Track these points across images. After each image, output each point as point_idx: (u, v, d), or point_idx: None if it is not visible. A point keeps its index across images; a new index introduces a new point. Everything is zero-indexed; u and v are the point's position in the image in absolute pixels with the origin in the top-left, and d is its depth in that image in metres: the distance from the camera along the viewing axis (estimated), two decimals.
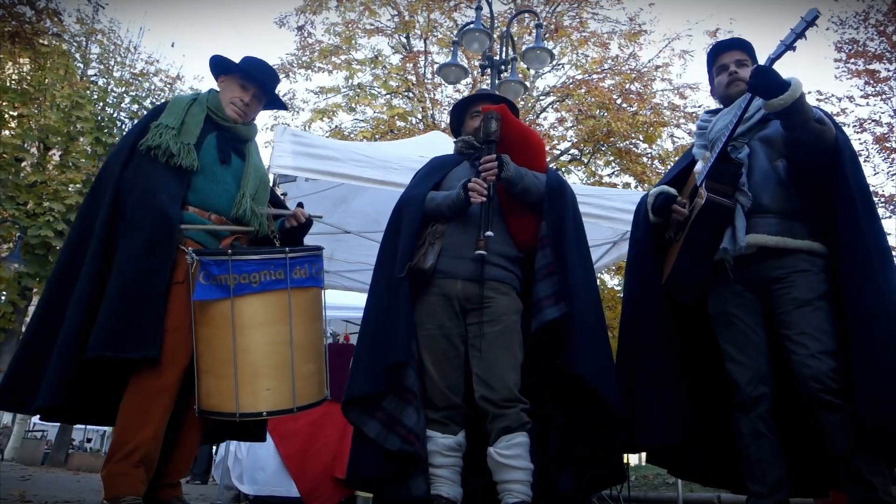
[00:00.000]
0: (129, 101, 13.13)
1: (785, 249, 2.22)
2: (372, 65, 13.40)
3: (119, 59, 13.55)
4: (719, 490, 2.86)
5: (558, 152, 13.16)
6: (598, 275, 11.46)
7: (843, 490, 2.09)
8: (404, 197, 2.67)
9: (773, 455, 2.16)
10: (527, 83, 10.72)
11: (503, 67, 6.77)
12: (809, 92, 13.64)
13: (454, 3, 13.01)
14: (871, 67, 12.27)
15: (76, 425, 16.24)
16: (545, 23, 12.20)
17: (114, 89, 13.17)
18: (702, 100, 13.93)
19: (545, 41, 8.76)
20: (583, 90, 12.25)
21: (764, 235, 2.23)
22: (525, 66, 7.96)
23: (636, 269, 2.64)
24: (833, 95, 12.60)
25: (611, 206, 4.73)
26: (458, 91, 12.08)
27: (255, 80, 2.54)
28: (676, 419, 2.33)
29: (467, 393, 2.42)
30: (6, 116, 11.24)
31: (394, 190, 3.78)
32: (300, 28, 13.89)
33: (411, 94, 13.29)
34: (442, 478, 2.37)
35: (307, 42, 13.72)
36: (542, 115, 13.45)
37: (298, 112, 13.60)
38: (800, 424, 2.31)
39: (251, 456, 4.18)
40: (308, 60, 13.38)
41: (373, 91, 13.46)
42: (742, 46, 2.50)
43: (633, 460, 11.69)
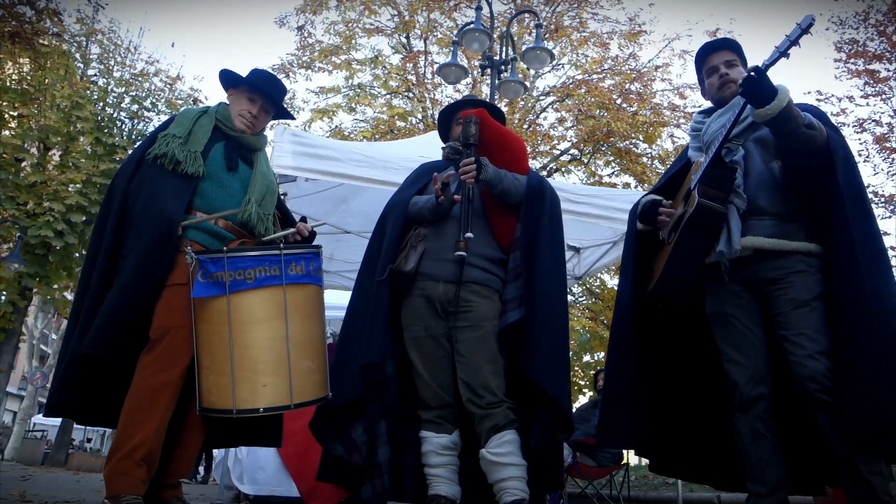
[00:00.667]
0: (129, 101, 13.11)
1: (781, 251, 2.22)
2: (372, 65, 13.41)
3: (119, 59, 13.53)
4: (719, 490, 2.86)
5: (558, 152, 13.17)
6: (598, 275, 11.51)
7: (843, 489, 2.10)
8: (389, 202, 2.74)
9: (773, 455, 2.17)
10: (527, 83, 10.72)
11: (503, 67, 6.77)
12: (809, 92, 13.67)
13: (454, 3, 13.01)
14: (871, 67, 12.27)
15: (76, 425, 16.28)
16: (545, 23, 12.20)
17: (114, 89, 13.15)
18: (702, 100, 13.85)
19: (545, 41, 8.76)
20: (583, 90, 12.26)
21: (760, 238, 2.23)
22: (525, 66, 7.97)
23: (620, 278, 2.70)
24: (833, 95, 12.61)
25: (611, 206, 4.74)
26: (458, 91, 12.08)
27: (263, 93, 2.59)
28: (626, 425, 2.38)
29: (459, 392, 2.45)
30: (6, 116, 11.23)
31: (393, 190, 3.78)
32: (300, 28, 13.91)
33: (411, 94, 13.29)
34: (439, 477, 2.39)
35: (307, 42, 13.74)
36: (542, 115, 13.46)
37: (298, 112, 13.61)
38: (798, 424, 2.32)
39: (251, 456, 4.18)
40: (308, 60, 13.39)
41: (373, 91, 13.47)
42: (730, 46, 2.48)
43: (633, 460, 11.68)
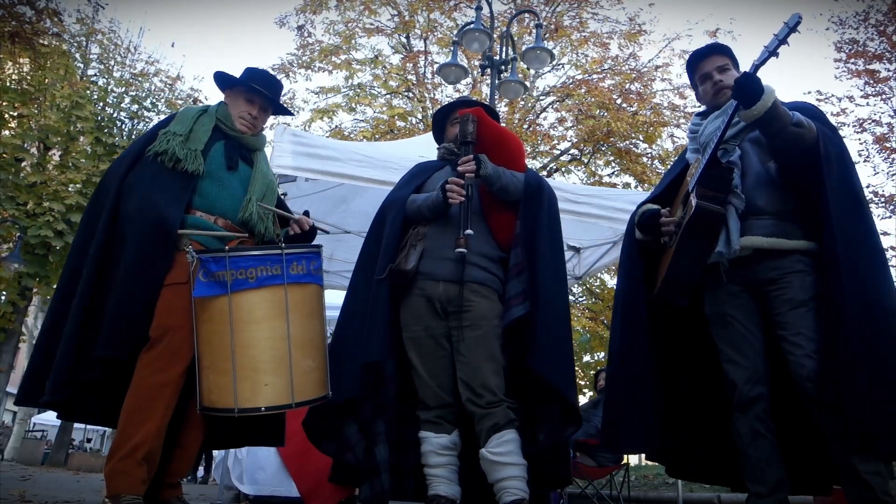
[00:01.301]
0: (129, 101, 13.11)
1: (780, 251, 2.22)
2: (372, 65, 13.41)
3: (119, 59, 13.53)
4: (719, 490, 2.86)
5: (558, 152, 13.17)
6: (598, 275, 11.52)
7: (843, 489, 2.10)
8: (386, 200, 2.73)
9: (772, 455, 2.17)
10: (527, 83, 10.71)
11: (503, 67, 6.77)
12: (809, 92, 13.66)
13: (454, 3, 13.01)
14: (871, 67, 12.28)
15: (76, 425, 16.28)
16: (545, 23, 12.20)
17: (114, 89, 13.15)
18: None
19: (545, 41, 8.76)
20: (583, 90, 12.26)
21: (759, 237, 2.23)
22: (525, 66, 7.97)
23: (622, 278, 2.67)
24: (833, 95, 12.64)
25: (611, 206, 4.74)
26: (458, 91, 12.08)
27: (260, 93, 2.59)
28: (646, 430, 2.36)
29: (458, 392, 2.45)
30: (6, 116, 11.23)
31: None
32: (300, 28, 13.92)
33: (411, 94, 13.30)
34: (439, 477, 2.39)
35: (307, 42, 13.75)
36: (542, 115, 13.46)
37: (298, 112, 13.62)
38: (798, 423, 2.32)
39: (251, 456, 4.18)
40: (308, 60, 13.40)
41: (373, 91, 13.47)
42: (721, 51, 2.47)
43: (633, 460, 11.69)
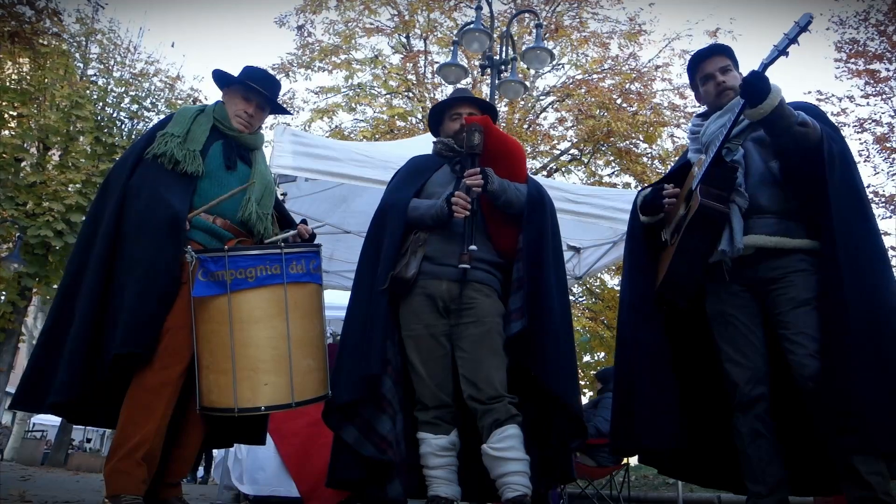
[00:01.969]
0: (129, 101, 13.10)
1: (782, 250, 2.22)
2: (372, 64, 13.39)
3: (119, 59, 13.52)
4: (719, 490, 2.85)
5: (558, 152, 13.17)
6: (598, 275, 11.51)
7: (842, 489, 2.10)
8: (386, 202, 2.69)
9: (772, 455, 2.17)
10: (527, 83, 10.71)
11: (503, 67, 6.77)
12: (809, 92, 13.66)
13: (454, 3, 13.01)
14: (872, 67, 12.28)
15: (76, 425, 16.28)
16: (545, 23, 12.19)
17: (114, 89, 13.14)
18: None
19: (545, 41, 8.75)
20: (583, 90, 12.26)
21: (762, 236, 2.23)
22: (525, 66, 7.97)
23: (628, 275, 2.64)
24: (833, 95, 12.64)
25: (611, 206, 4.73)
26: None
27: (257, 92, 2.59)
28: (675, 424, 2.34)
29: (457, 393, 2.44)
30: (6, 116, 11.22)
31: None
32: (300, 28, 13.91)
33: (411, 94, 13.29)
34: (438, 478, 2.39)
35: (307, 42, 13.74)
36: (542, 115, 13.46)
37: (298, 112, 13.61)
38: (798, 423, 2.31)
39: (251, 456, 4.18)
40: (308, 60, 13.38)
41: (373, 91, 13.46)
42: (723, 52, 2.47)
43: (633, 460, 11.68)
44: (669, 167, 3.02)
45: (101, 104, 12.76)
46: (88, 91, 12.30)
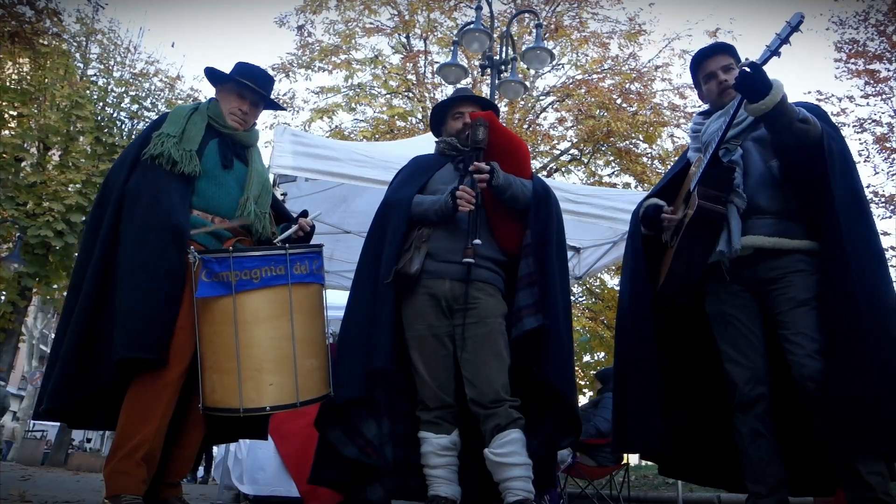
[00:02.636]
0: (129, 101, 13.11)
1: (781, 250, 2.22)
2: (372, 64, 13.38)
3: (119, 59, 13.54)
4: (719, 490, 2.86)
5: (558, 152, 13.17)
6: (598, 275, 11.52)
7: (842, 489, 2.10)
8: (388, 199, 2.68)
9: (772, 455, 2.17)
10: (527, 83, 10.71)
11: (503, 67, 6.77)
12: (809, 92, 13.66)
13: (454, 3, 13.00)
14: (871, 67, 12.28)
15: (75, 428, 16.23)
16: (545, 23, 12.19)
17: (114, 89, 13.15)
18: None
19: (545, 41, 8.75)
20: (583, 90, 12.25)
21: (760, 237, 2.23)
22: (525, 66, 7.96)
23: (628, 277, 2.65)
24: (833, 95, 12.65)
25: (611, 206, 4.74)
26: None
27: (250, 88, 2.58)
28: (660, 428, 2.35)
29: (459, 392, 2.44)
30: (6, 116, 11.23)
31: None
32: (300, 28, 13.89)
33: (411, 94, 13.28)
34: (439, 478, 2.39)
35: (307, 42, 13.72)
36: (542, 115, 13.45)
37: (298, 112, 13.61)
38: (798, 423, 2.32)
39: (251, 456, 4.18)
40: (308, 60, 13.37)
41: (373, 91, 13.46)
42: (726, 50, 2.47)
43: (633, 460, 11.69)
44: (669, 167, 3.02)
45: (102, 104, 12.78)
46: (88, 91, 12.31)
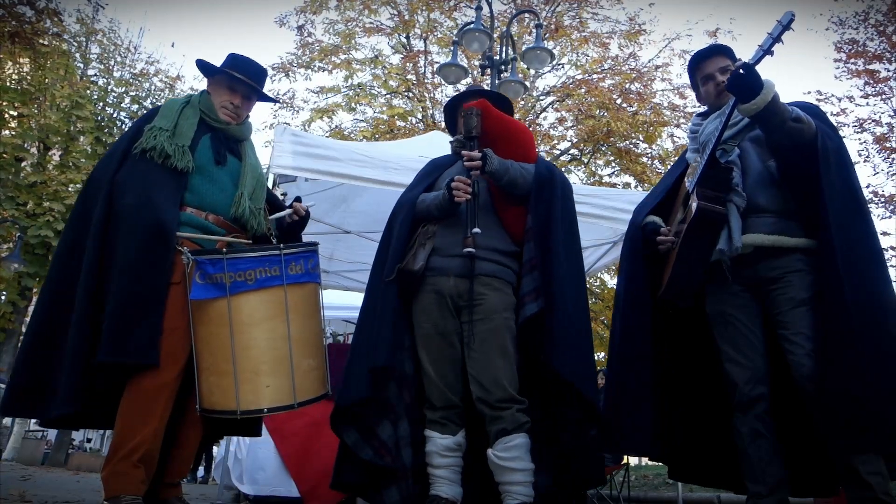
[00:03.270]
0: (129, 101, 13.14)
1: (781, 249, 2.22)
2: (372, 64, 13.39)
3: (119, 59, 13.56)
4: (719, 490, 2.85)
5: (558, 152, 13.17)
6: (598, 275, 11.52)
7: (842, 489, 2.10)
8: (398, 201, 2.68)
9: (772, 455, 2.17)
10: (527, 83, 10.71)
11: (503, 67, 6.77)
12: (809, 92, 13.65)
13: (454, 3, 13.01)
14: (871, 67, 12.28)
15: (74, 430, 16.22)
16: (545, 23, 12.19)
17: (114, 89, 13.17)
18: None
19: (545, 41, 8.75)
20: (583, 90, 12.25)
21: (760, 235, 2.23)
22: (525, 66, 7.96)
23: (623, 279, 2.64)
24: (833, 95, 12.64)
25: (611, 206, 4.73)
26: (458, 91, 12.04)
27: (242, 82, 2.55)
28: (648, 431, 2.35)
29: (467, 393, 2.41)
30: (6, 116, 11.24)
31: (394, 190, 3.78)
32: (300, 28, 13.90)
33: (411, 94, 13.29)
34: (441, 478, 2.37)
35: (307, 41, 13.73)
36: (542, 115, 13.45)
37: (298, 112, 13.62)
38: (798, 423, 2.32)
39: (251, 456, 4.18)
40: (308, 60, 13.38)
41: (373, 91, 13.46)
42: (723, 52, 2.46)
43: (633, 460, 11.69)
44: (669, 167, 3.02)
45: (102, 104, 12.79)
46: (89, 91, 12.32)
